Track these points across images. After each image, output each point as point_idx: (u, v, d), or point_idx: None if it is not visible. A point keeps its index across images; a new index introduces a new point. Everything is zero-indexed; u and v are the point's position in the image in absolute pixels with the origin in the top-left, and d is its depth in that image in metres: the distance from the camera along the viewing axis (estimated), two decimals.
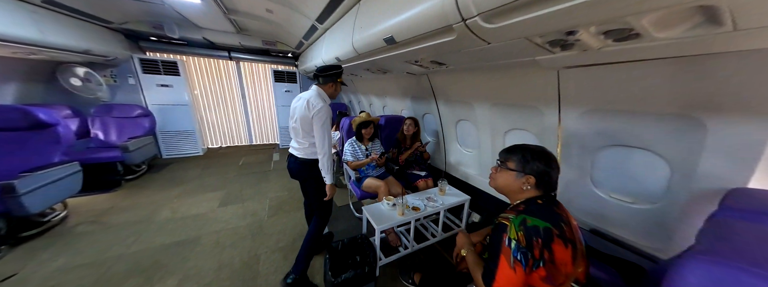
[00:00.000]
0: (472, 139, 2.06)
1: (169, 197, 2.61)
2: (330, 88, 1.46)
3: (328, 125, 1.39)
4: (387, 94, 3.26)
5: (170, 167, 3.57)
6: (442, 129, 2.38)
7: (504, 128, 1.66)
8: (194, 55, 4.13)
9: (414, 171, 2.35)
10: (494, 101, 1.59)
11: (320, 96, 1.41)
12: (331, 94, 1.47)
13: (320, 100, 1.37)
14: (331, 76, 1.43)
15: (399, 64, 1.70)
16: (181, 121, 3.94)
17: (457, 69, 1.59)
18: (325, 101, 1.40)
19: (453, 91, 1.93)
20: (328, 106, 1.38)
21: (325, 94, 1.45)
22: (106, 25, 2.92)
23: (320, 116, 1.34)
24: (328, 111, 1.39)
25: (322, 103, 1.35)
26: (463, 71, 1.64)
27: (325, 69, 1.44)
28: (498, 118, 1.65)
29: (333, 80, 1.44)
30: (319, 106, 1.34)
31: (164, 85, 3.71)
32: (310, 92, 1.43)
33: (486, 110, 1.70)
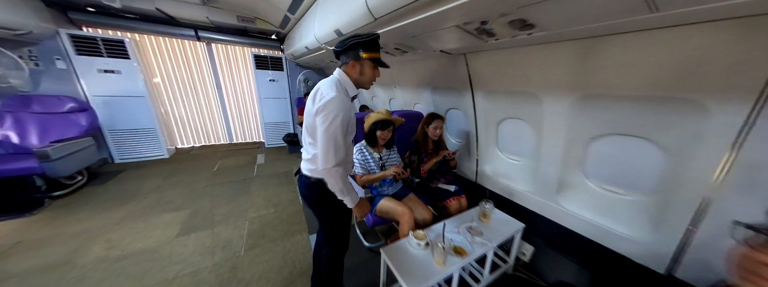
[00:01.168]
0: (525, 144, 1.52)
1: (108, 222, 1.93)
2: (354, 69, 0.97)
3: (339, 129, 0.89)
4: (397, 84, 2.64)
5: (122, 176, 2.83)
6: (476, 129, 1.82)
7: (595, 132, 1.12)
8: (150, 33, 3.29)
9: (440, 186, 1.79)
10: (588, 91, 1.03)
11: (337, 83, 0.96)
12: (356, 79, 1.00)
13: (333, 89, 0.91)
14: (352, 49, 0.95)
15: (442, 35, 1.10)
16: (136, 116, 3.16)
17: (521, 43, 1.02)
18: (340, 91, 0.93)
19: (505, 77, 1.35)
20: (343, 99, 0.90)
21: (347, 80, 0.99)
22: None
23: (326, 113, 0.87)
24: (343, 106, 0.89)
25: (333, 93, 0.89)
26: (534, 46, 1.06)
27: (344, 40, 0.96)
28: (589, 117, 1.10)
29: (356, 56, 0.95)
30: (328, 96, 0.88)
31: (109, 71, 2.90)
32: (328, 78, 1.00)
33: (565, 105, 1.14)
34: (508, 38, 0.98)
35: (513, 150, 1.65)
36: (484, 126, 1.73)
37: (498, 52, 1.27)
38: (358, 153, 1.58)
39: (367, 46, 0.93)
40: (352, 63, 0.94)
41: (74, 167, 2.27)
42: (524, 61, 1.17)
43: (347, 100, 0.91)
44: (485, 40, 1.05)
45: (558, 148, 1.27)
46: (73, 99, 2.57)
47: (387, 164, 1.66)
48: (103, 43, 2.80)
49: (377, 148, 1.66)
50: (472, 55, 1.44)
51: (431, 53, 1.56)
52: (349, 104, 0.92)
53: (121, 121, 3.09)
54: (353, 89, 0.99)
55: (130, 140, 3.19)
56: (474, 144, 1.90)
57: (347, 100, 0.91)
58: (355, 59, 0.94)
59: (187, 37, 3.45)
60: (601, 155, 1.15)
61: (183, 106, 3.97)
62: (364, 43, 0.92)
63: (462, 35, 1.03)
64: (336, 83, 0.93)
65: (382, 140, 1.59)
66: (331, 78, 0.97)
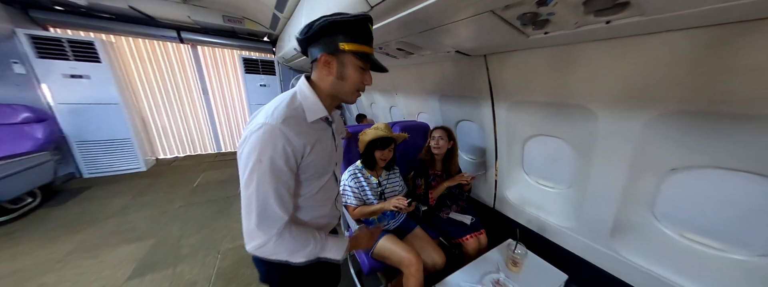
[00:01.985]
0: (563, 168, 1.19)
1: (50, 259, 1.60)
2: (326, 69, 0.60)
3: (267, 183, 0.54)
4: (399, 90, 2.33)
5: (87, 194, 2.50)
6: (495, 145, 1.50)
7: (680, 162, 0.80)
8: (126, 34, 3.01)
9: (453, 216, 1.46)
10: (692, 107, 0.70)
11: (290, 101, 0.61)
12: (331, 88, 0.62)
13: (271, 112, 0.57)
14: (324, 35, 0.57)
15: (461, 28, 0.78)
16: (109, 125, 2.85)
17: (582, 37, 0.71)
18: (285, 116, 0.57)
19: (541, 84, 1.04)
20: (279, 130, 0.55)
21: (309, 93, 0.63)
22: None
23: (244, 154, 0.55)
24: (273, 142, 0.54)
25: (263, 120, 0.55)
26: (600, 41, 0.75)
27: (312, 22, 0.58)
28: (677, 142, 0.78)
29: (330, 46, 0.58)
30: (251, 126, 0.56)
31: (77, 76, 2.59)
32: (284, 93, 0.65)
33: (637, 125, 0.82)
34: (568, 29, 0.66)
35: (545, 174, 1.32)
36: (505, 143, 1.41)
37: (534, 53, 0.96)
38: (350, 179, 1.26)
39: (350, 30, 0.57)
40: (323, 58, 0.58)
41: (20, 189, 1.94)
42: (575, 63, 0.86)
43: (282, 130, 0.54)
44: (527, 34, 0.74)
45: (617, 179, 0.95)
46: (28, 108, 2.25)
47: (388, 191, 1.33)
48: (70, 44, 2.50)
49: (375, 171, 1.34)
50: (496, 56, 1.13)
51: (442, 54, 1.25)
52: (294, 136, 0.56)
53: (91, 131, 2.77)
54: (319, 108, 0.62)
55: (101, 152, 2.87)
56: (492, 163, 1.58)
57: (284, 129, 0.54)
58: (329, 52, 0.57)
59: (168, 38, 3.16)
60: (684, 192, 0.83)
61: (165, 114, 3.66)
62: (343, 23, 0.55)
63: (495, 26, 0.72)
64: (287, 101, 0.59)
65: (382, 161, 1.27)
66: (285, 94, 0.62)
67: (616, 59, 0.75)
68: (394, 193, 1.36)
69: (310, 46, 0.59)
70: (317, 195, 0.67)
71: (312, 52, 0.59)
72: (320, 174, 0.66)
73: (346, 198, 1.25)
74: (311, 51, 0.60)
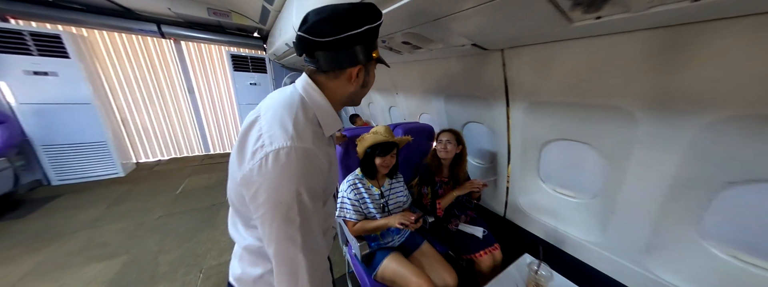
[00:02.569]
0: (586, 176, 1.07)
1: (5, 281, 1.38)
2: (353, 80, 0.50)
3: (312, 221, 0.44)
4: (399, 89, 2.18)
5: (54, 204, 2.25)
6: (508, 150, 1.37)
7: (741, 175, 0.68)
8: (101, 28, 2.75)
9: (463, 228, 1.33)
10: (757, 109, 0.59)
11: (299, 110, 0.47)
12: (351, 96, 0.54)
13: (288, 126, 0.44)
14: (354, 44, 0.46)
15: (487, 14, 0.64)
16: (80, 127, 2.59)
17: (639, 23, 0.58)
18: (303, 129, 0.45)
19: (569, 83, 0.91)
20: (308, 152, 0.43)
21: (323, 102, 0.51)
22: None
23: (271, 194, 0.41)
24: (306, 170, 0.43)
25: (285, 140, 0.42)
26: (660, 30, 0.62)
27: (330, 19, 0.44)
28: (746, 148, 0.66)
29: (361, 56, 0.48)
30: (272, 147, 0.41)
31: (40, 73, 2.34)
32: (281, 96, 0.49)
33: (691, 131, 0.70)
34: (635, 11, 0.52)
35: (564, 182, 1.20)
36: (520, 147, 1.29)
37: (565, 47, 0.83)
38: (349, 190, 1.11)
39: (376, 33, 0.49)
40: (354, 71, 0.48)
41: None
42: (613, 58, 0.73)
43: (316, 153, 0.44)
44: (572, 19, 0.61)
45: (657, 190, 0.83)
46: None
47: (391, 202, 1.19)
48: (33, 38, 2.25)
49: (377, 180, 1.19)
50: (515, 51, 1.00)
51: (452, 49, 1.11)
52: (324, 157, 0.46)
53: (61, 133, 2.51)
54: (336, 121, 0.52)
55: (72, 157, 2.61)
56: (503, 168, 1.45)
57: (317, 151, 0.44)
58: (361, 62, 0.48)
59: (147, 32, 2.92)
60: (741, 209, 0.72)
61: (147, 113, 3.40)
62: (375, 28, 0.47)
63: (536, 8, 0.58)
64: (302, 112, 0.46)
65: (384, 168, 1.13)
66: (286, 96, 0.49)
67: (672, 51, 0.62)
68: (398, 204, 1.22)
69: (330, 52, 0.46)
70: (330, 210, 0.59)
71: (332, 59, 0.47)
72: (330, 193, 0.56)
73: (344, 212, 1.10)
74: (331, 58, 0.47)
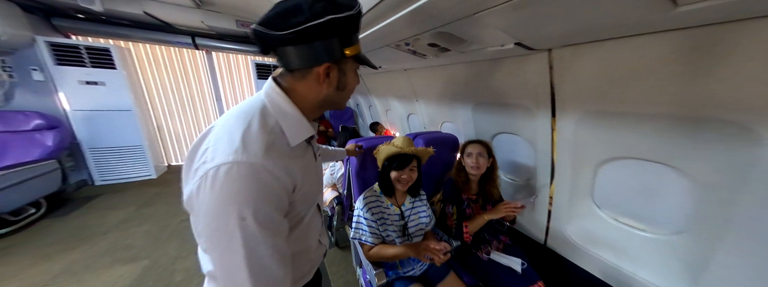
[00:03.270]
0: (664, 205, 0.84)
1: (35, 282, 1.45)
2: (323, 81, 0.43)
3: (261, 244, 0.37)
4: (419, 96, 2.05)
5: (93, 204, 2.42)
6: (551, 167, 1.16)
7: None
8: (144, 41, 3.00)
9: (496, 257, 1.13)
10: None
11: (258, 119, 0.41)
12: (326, 99, 0.46)
13: (235, 139, 0.38)
14: (320, 37, 0.39)
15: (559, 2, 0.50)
16: (121, 132, 2.81)
17: None
18: (256, 144, 0.38)
19: (648, 88, 0.71)
20: (255, 169, 0.37)
21: (290, 109, 0.44)
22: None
23: (210, 213, 0.36)
24: (251, 190, 0.36)
25: (229, 155, 0.36)
26: None
27: (288, 12, 0.37)
28: None
29: (330, 52, 0.41)
30: (213, 162, 0.36)
31: (92, 83, 2.58)
32: (242, 105, 0.45)
33: None
34: None
35: (630, 210, 0.97)
36: (569, 165, 1.07)
37: (646, 41, 0.65)
38: (365, 209, 0.98)
39: (351, 26, 0.41)
40: (324, 69, 0.42)
41: (22, 199, 1.86)
42: (736, 54, 0.53)
43: (268, 168, 0.38)
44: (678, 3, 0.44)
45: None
46: (40, 115, 2.23)
47: (412, 224, 1.05)
48: (87, 51, 2.50)
49: (396, 198, 1.06)
50: (568, 50, 0.83)
51: (485, 51, 0.96)
52: (283, 172, 0.40)
53: (104, 138, 2.74)
54: (304, 127, 0.46)
55: (112, 159, 2.83)
56: (544, 188, 1.24)
57: (270, 165, 0.38)
58: (330, 59, 0.41)
59: (183, 44, 3.14)
60: None
61: (179, 120, 3.64)
62: (347, 19, 0.39)
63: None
64: (259, 121, 0.41)
65: (402, 184, 0.99)
66: (246, 104, 0.44)
67: None
68: (419, 227, 1.07)
69: (289, 47, 0.40)
70: (299, 233, 0.50)
71: (295, 56, 0.41)
72: (307, 209, 0.51)
73: (359, 234, 0.98)
74: (293, 55, 0.41)
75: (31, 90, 2.39)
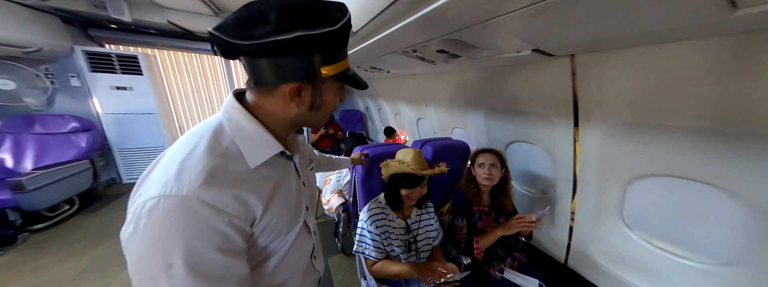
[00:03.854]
0: (710, 231, 0.73)
1: (63, 276, 1.55)
2: (290, 102, 0.38)
3: None
4: (429, 101, 2.00)
5: (121, 201, 2.59)
6: (574, 181, 1.07)
7: None
8: (168, 48, 3.18)
9: (510, 276, 1.05)
10: None
11: (211, 144, 0.35)
12: (296, 119, 0.41)
13: (170, 171, 0.32)
14: (292, 53, 0.33)
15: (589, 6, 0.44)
16: (146, 134, 2.99)
17: None
18: (202, 175, 0.32)
19: (688, 98, 0.62)
20: (192, 208, 0.30)
21: (256, 130, 0.39)
22: (21, 1, 1.99)
23: (139, 249, 0.30)
24: (196, 226, 0.30)
25: (158, 188, 0.31)
26: None
27: (247, 15, 0.32)
28: None
29: (303, 70, 0.35)
30: (143, 198, 0.31)
31: (121, 88, 2.76)
32: (198, 127, 0.39)
33: None
34: None
35: (667, 233, 0.85)
36: (594, 180, 0.97)
37: (687, 47, 0.56)
38: (370, 222, 0.95)
39: (332, 42, 0.35)
40: (292, 88, 0.36)
41: (58, 196, 2.02)
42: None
43: (213, 200, 0.32)
44: (738, 6, 0.36)
45: None
46: (76, 118, 2.41)
47: (420, 239, 1.00)
48: (118, 59, 2.68)
49: (403, 210, 1.01)
50: (594, 56, 0.74)
51: (498, 57, 0.89)
52: (231, 200, 0.33)
53: (131, 139, 2.93)
54: (268, 143, 0.39)
55: (138, 159, 3.01)
56: (565, 202, 1.14)
57: (217, 195, 0.32)
58: (302, 79, 0.36)
59: (204, 51, 3.29)
60: None
61: (199, 121, 3.82)
62: (323, 37, 0.33)
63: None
64: (206, 145, 0.35)
65: (411, 201, 0.95)
66: (200, 125, 0.39)
67: None
68: (427, 242, 1.02)
69: (258, 59, 0.34)
70: (276, 265, 0.43)
71: (258, 69, 0.35)
72: (285, 232, 0.43)
73: (363, 248, 0.94)
74: (256, 68, 0.35)
75: (70, 95, 2.60)
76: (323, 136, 3.22)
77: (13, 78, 2.27)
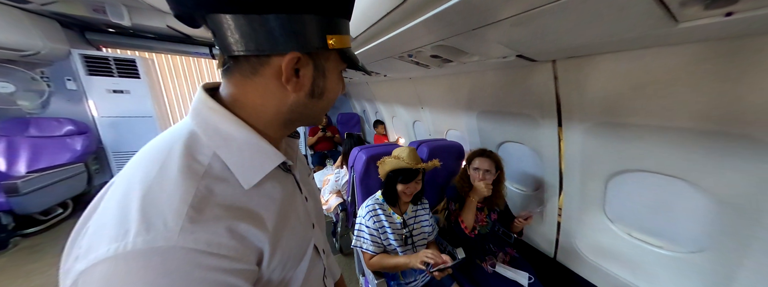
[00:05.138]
0: (682, 222, 0.80)
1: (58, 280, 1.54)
2: (284, 84, 0.26)
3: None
4: (424, 104, 2.07)
5: None
6: (560, 178, 1.13)
7: None
8: (166, 52, 3.20)
9: (501, 270, 1.10)
10: None
11: (170, 164, 0.23)
12: (283, 110, 0.29)
13: (128, 212, 0.20)
14: (273, 9, 0.22)
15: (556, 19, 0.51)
16: (142, 137, 2.97)
17: None
18: (151, 219, 0.20)
19: (658, 99, 0.69)
20: (198, 245, 0.20)
21: (228, 128, 0.27)
22: (20, 6, 2.01)
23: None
24: (182, 273, 0.19)
25: (112, 241, 0.19)
26: None
27: None
28: None
29: (298, 41, 0.24)
30: (87, 260, 0.19)
31: (118, 91, 2.77)
32: (151, 142, 0.27)
33: None
34: None
35: (645, 225, 0.92)
36: (578, 177, 1.04)
37: (650, 54, 0.63)
38: (368, 217, 0.99)
39: (342, 4, 0.28)
40: (285, 61, 0.25)
41: (52, 200, 2.00)
42: (758, 64, 0.52)
43: (193, 254, 0.21)
44: (678, 19, 0.44)
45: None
46: (71, 121, 2.41)
47: (416, 233, 1.04)
48: (115, 62, 2.70)
49: (399, 207, 1.06)
50: (573, 61, 0.82)
51: (488, 62, 0.96)
52: (229, 241, 0.24)
53: (127, 142, 2.91)
54: (260, 154, 0.29)
55: None
56: (553, 199, 1.20)
57: (213, 238, 0.23)
58: (301, 47, 0.25)
59: (201, 55, 3.32)
60: None
61: None
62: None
63: (626, 7, 0.43)
64: (169, 163, 0.24)
65: (407, 196, 1.00)
66: (159, 139, 0.28)
67: None
68: (422, 237, 1.06)
69: (230, 16, 0.23)
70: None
71: (238, 32, 0.24)
72: (296, 265, 0.34)
73: (361, 242, 0.98)
74: (235, 29, 0.24)
75: (65, 98, 2.59)
76: (321, 138, 3.19)
77: (9, 80, 2.26)
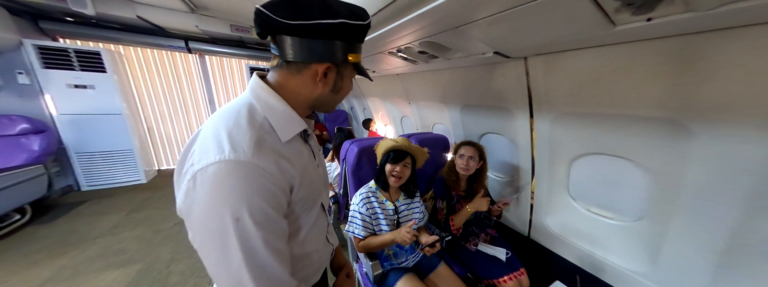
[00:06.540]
0: (629, 195, 0.95)
1: (29, 285, 1.42)
2: (320, 81, 0.43)
3: (261, 249, 0.36)
4: (411, 99, 2.15)
5: (80, 209, 2.36)
6: (532, 164, 1.27)
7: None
8: (135, 45, 2.98)
9: (483, 248, 1.22)
10: None
11: (247, 117, 0.40)
12: (319, 99, 0.46)
13: (224, 139, 0.36)
14: (327, 38, 0.40)
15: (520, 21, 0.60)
16: (111, 136, 2.76)
17: (718, 22, 0.50)
18: (247, 142, 0.37)
19: (603, 92, 0.83)
20: (250, 167, 0.35)
21: (281, 106, 0.43)
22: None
23: (204, 207, 0.35)
24: (248, 189, 0.35)
25: (216, 154, 0.35)
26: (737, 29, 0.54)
27: (301, 7, 0.37)
28: None
29: (332, 55, 0.41)
30: (201, 163, 0.35)
31: (80, 86, 2.54)
32: (229, 105, 0.43)
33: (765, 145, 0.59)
34: (702, 11, 0.45)
35: (600, 201, 1.08)
36: (546, 162, 1.18)
37: (600, 53, 0.76)
38: (362, 204, 1.05)
39: (357, 35, 0.43)
40: (324, 69, 0.42)
41: (7, 205, 1.81)
42: (677, 63, 0.65)
43: (260, 165, 0.36)
44: (616, 22, 0.54)
45: (724, 215, 0.71)
46: (26, 119, 2.18)
47: (405, 220, 1.12)
48: (76, 55, 2.47)
49: (390, 193, 1.12)
50: (541, 58, 0.94)
51: (470, 58, 1.06)
52: (276, 169, 0.38)
53: (92, 142, 2.68)
54: (295, 120, 0.44)
55: (101, 164, 2.77)
56: (527, 184, 1.35)
57: (262, 162, 0.37)
58: (333, 61, 0.42)
59: (176, 48, 3.13)
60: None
61: (170, 124, 3.59)
62: (356, 28, 0.41)
63: (574, 11, 0.53)
64: (246, 117, 0.40)
65: (395, 180, 1.06)
66: (230, 104, 0.44)
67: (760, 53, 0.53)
68: (413, 222, 1.14)
69: (292, 38, 0.39)
70: (304, 236, 0.49)
71: (298, 47, 0.40)
72: (308, 210, 0.49)
73: (353, 228, 1.04)
74: (296, 46, 0.39)
75: (16, 93, 2.33)
76: None
77: None
